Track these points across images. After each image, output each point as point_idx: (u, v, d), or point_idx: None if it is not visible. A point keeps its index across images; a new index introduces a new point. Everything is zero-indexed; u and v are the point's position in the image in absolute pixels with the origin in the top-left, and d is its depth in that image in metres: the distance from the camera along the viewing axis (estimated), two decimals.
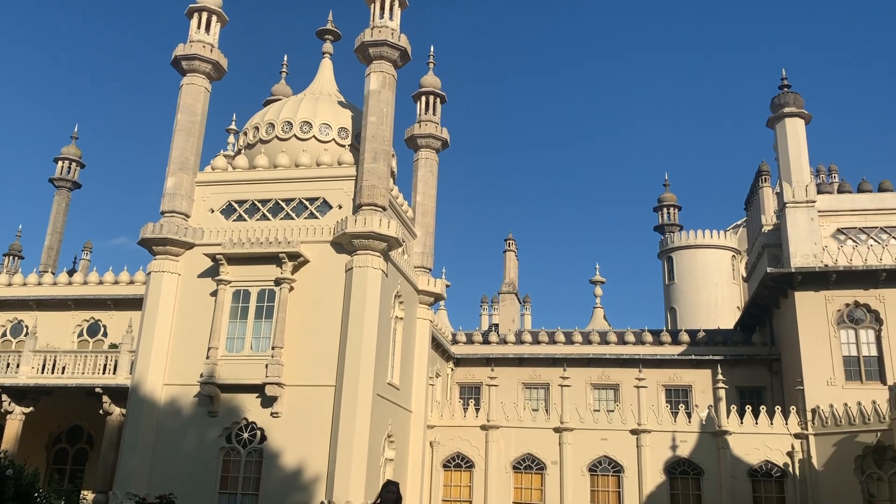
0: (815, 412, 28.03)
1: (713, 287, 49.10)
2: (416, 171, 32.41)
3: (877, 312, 30.67)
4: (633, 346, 37.99)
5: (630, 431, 29.22)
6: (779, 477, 27.85)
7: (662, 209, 57.27)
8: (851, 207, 32.93)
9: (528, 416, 30.44)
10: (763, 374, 35.60)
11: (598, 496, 28.99)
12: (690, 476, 28.54)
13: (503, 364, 38.56)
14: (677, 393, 36.61)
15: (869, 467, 26.14)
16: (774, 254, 33.62)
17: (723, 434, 28.36)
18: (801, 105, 33.56)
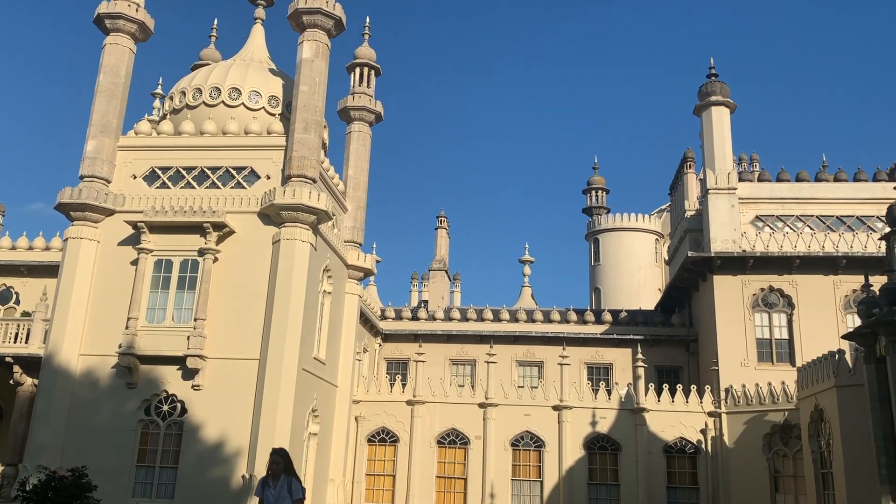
0: (729, 392, 29.18)
1: (637, 269, 50.47)
2: (349, 144, 32.02)
3: (790, 297, 32.02)
4: (558, 325, 38.74)
5: (552, 407, 29.86)
6: (692, 453, 28.96)
7: (591, 192, 58.34)
8: (770, 196, 34.18)
9: (454, 392, 30.74)
10: (681, 354, 36.85)
11: (519, 470, 29.58)
12: (608, 451, 29.40)
13: (431, 340, 38.77)
14: (599, 371, 37.57)
15: (776, 444, 27.41)
16: (696, 238, 34.70)
17: (640, 411, 29.27)
18: (727, 94, 34.53)
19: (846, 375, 22.20)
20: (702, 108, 34.68)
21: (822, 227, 33.43)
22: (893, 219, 20.09)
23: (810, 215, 33.73)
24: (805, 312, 31.56)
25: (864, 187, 33.79)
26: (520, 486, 29.47)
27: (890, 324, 18.30)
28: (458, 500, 29.50)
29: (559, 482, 28.95)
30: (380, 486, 30.07)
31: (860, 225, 33.23)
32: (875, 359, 19.55)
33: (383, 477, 30.13)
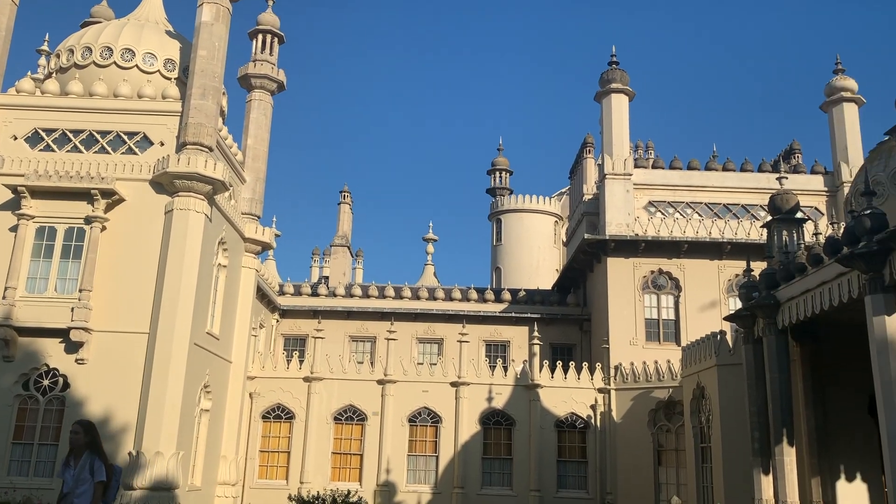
0: (618, 369, 30.32)
1: (536, 250, 51.51)
2: (249, 113, 31.07)
3: (677, 280, 33.46)
4: (458, 303, 39.12)
5: (450, 384, 30.22)
6: (582, 428, 30.00)
7: (495, 173, 58.99)
8: (663, 182, 35.49)
9: (353, 369, 30.61)
10: (574, 333, 37.96)
11: (416, 445, 29.85)
12: (503, 426, 30.06)
13: (331, 317, 38.38)
14: (497, 348, 38.25)
15: (660, 420, 28.72)
16: (592, 221, 35.70)
17: (535, 387, 30.05)
18: (627, 82, 35.50)
19: (726, 355, 23.43)
20: (602, 95, 35.55)
21: (710, 213, 35.04)
22: (775, 208, 21.22)
23: (699, 202, 35.25)
24: (691, 295, 33.07)
25: (750, 177, 35.58)
26: (416, 461, 29.76)
27: (767, 307, 19.37)
28: (353, 475, 29.51)
29: (454, 457, 29.41)
30: (274, 463, 29.70)
31: (745, 213, 35.02)
32: (753, 340, 20.67)
33: (278, 454, 29.76)
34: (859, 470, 19.53)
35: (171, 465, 22.19)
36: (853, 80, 35.95)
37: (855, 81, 35.96)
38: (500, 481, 29.52)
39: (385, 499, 28.91)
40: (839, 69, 36.26)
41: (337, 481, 29.09)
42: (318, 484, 28.52)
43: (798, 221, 21.05)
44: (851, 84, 35.91)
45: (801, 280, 18.06)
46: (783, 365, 19.30)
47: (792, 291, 18.48)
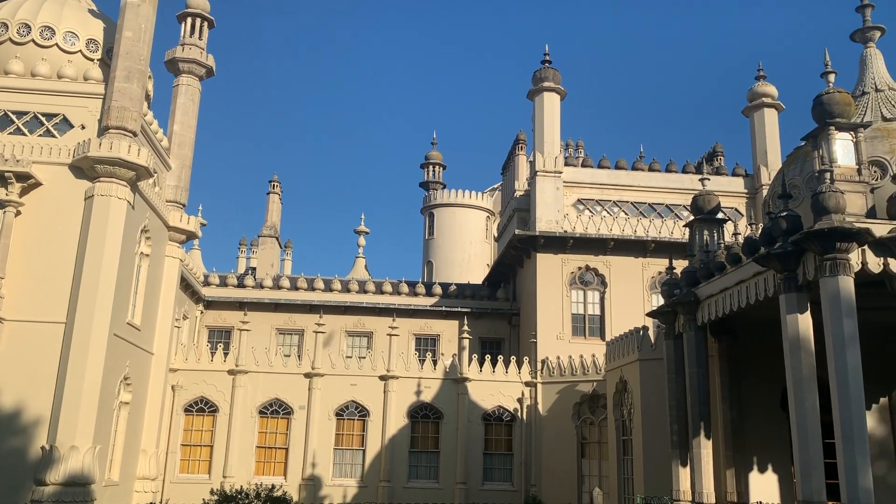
0: (545, 363, 30.80)
1: (468, 244, 51.85)
2: (176, 98, 30.16)
3: (603, 276, 34.20)
4: (389, 296, 39.03)
5: (379, 377, 30.12)
6: (508, 420, 30.36)
7: (428, 166, 59.06)
8: (592, 181, 36.17)
9: (280, 362, 30.17)
10: (504, 327, 38.38)
11: (342, 439, 29.67)
12: (431, 420, 30.15)
13: (258, 309, 37.76)
14: (427, 342, 38.33)
15: (584, 413, 29.31)
16: (523, 217, 36.14)
17: (463, 381, 30.24)
18: (559, 81, 36.00)
19: (648, 350, 24.08)
20: (534, 93, 35.96)
21: (636, 212, 35.92)
22: (697, 208, 21.88)
23: (626, 201, 36.09)
24: (616, 291, 33.85)
25: (674, 178, 36.61)
26: (342, 455, 29.58)
27: (687, 304, 20.00)
28: (278, 469, 29.12)
29: (382, 450, 29.35)
30: (196, 457, 29.05)
31: (669, 212, 36.03)
32: (674, 335, 21.30)
33: (200, 447, 29.12)
34: (771, 462, 20.37)
35: (86, 460, 21.42)
36: (773, 86, 37.40)
37: (775, 88, 37.41)
38: (426, 474, 29.62)
39: (310, 493, 28.64)
40: (761, 75, 37.64)
41: (261, 475, 28.65)
42: (242, 478, 28.04)
43: (719, 222, 21.77)
44: (772, 90, 37.33)
45: (720, 278, 18.70)
46: (702, 360, 19.95)
47: (711, 289, 19.12)
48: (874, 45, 20.21)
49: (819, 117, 16.39)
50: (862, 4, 19.93)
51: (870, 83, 19.79)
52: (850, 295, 14.61)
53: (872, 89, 19.60)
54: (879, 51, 20.23)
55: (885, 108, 18.85)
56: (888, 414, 20.92)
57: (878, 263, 14.85)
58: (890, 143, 17.55)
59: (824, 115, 16.29)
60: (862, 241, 14.77)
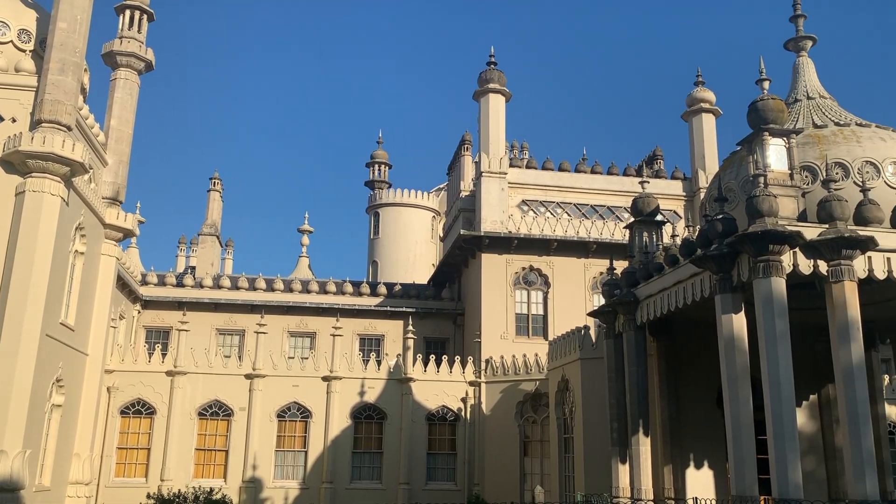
0: (489, 362, 30.99)
1: (413, 244, 51.77)
2: (113, 93, 29.32)
3: (546, 277, 34.59)
4: (333, 296, 38.71)
5: (322, 378, 29.86)
6: (452, 420, 30.45)
7: (374, 165, 58.74)
8: (535, 182, 36.55)
9: (220, 363, 29.64)
10: (448, 327, 38.48)
11: (284, 441, 29.33)
12: (375, 420, 30.03)
13: (197, 308, 37.01)
14: (371, 342, 38.16)
15: (527, 412, 29.59)
16: (468, 218, 36.30)
17: (408, 381, 30.20)
18: (504, 83, 36.26)
19: (589, 349, 24.45)
20: (480, 94, 36.14)
21: (578, 214, 36.43)
22: (637, 210, 22.31)
23: (569, 203, 36.58)
24: (559, 291, 34.27)
25: (616, 181, 37.24)
26: (284, 457, 29.23)
27: (627, 304, 20.38)
28: (217, 472, 28.60)
29: (324, 451, 29.11)
30: (133, 461, 28.32)
31: (610, 214, 36.65)
32: (614, 335, 21.67)
33: (137, 450, 28.40)
34: (707, 458, 20.90)
35: (16, 465, 20.66)
36: (712, 92, 38.40)
37: (713, 94, 38.41)
38: (369, 475, 29.50)
39: (251, 495, 28.21)
40: (700, 81, 38.60)
41: (200, 478, 28.10)
42: (180, 481, 27.46)
43: (658, 224, 22.24)
44: (710, 96, 38.31)
45: (659, 279, 19.11)
46: (641, 359, 20.34)
47: (650, 289, 19.52)
48: (806, 55, 20.93)
49: (754, 123, 16.89)
50: (795, 15, 20.61)
51: (802, 91, 20.48)
52: (781, 295, 15.09)
53: (804, 97, 20.29)
54: (811, 60, 20.95)
55: (816, 115, 19.53)
56: (817, 410, 21.69)
57: (808, 265, 15.38)
58: (820, 149, 18.18)
59: (759, 122, 16.78)
60: (793, 244, 15.27)
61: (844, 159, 17.87)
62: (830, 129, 18.81)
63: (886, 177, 17.62)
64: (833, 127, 18.86)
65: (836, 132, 18.66)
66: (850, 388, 14.74)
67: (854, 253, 15.18)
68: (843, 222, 15.47)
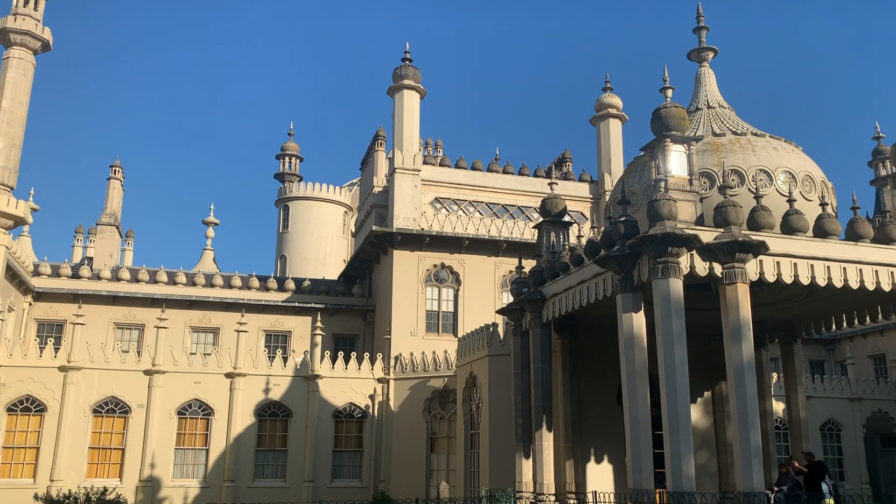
0: (398, 359, 30.95)
1: (324, 239, 51.18)
2: (5, 72, 27.67)
3: (458, 274, 34.83)
4: (238, 291, 37.80)
5: (225, 375, 29.11)
6: (360, 417, 30.26)
7: (284, 157, 57.69)
8: (449, 180, 36.74)
9: (117, 358, 28.45)
10: (358, 324, 38.22)
11: (184, 439, 28.45)
12: (280, 418, 29.51)
13: (94, 301, 35.44)
14: (277, 338, 37.48)
15: (435, 408, 29.73)
16: (381, 214, 36.16)
17: (315, 378, 29.82)
18: (419, 80, 36.28)
19: (497, 346, 24.77)
20: (394, 90, 36.04)
21: (490, 213, 36.86)
22: (545, 211, 22.76)
23: (481, 201, 36.95)
24: (469, 288, 34.58)
25: (526, 181, 37.85)
26: (184, 455, 28.35)
27: (534, 302, 20.76)
28: (113, 471, 27.46)
29: (227, 449, 28.40)
30: (20, 460, 26.84)
31: (520, 214, 37.23)
32: (521, 332, 22.06)
33: (25, 450, 26.93)
34: (606, 453, 21.55)
35: None
36: (619, 98, 39.54)
37: (620, 100, 39.56)
38: (273, 473, 28.98)
39: (148, 495, 27.22)
40: (608, 87, 39.71)
41: (94, 478, 26.92)
42: (72, 481, 26.23)
43: (565, 224, 22.77)
44: (617, 102, 39.46)
45: (565, 278, 19.56)
46: (546, 356, 20.77)
47: (556, 288, 19.95)
48: (707, 65, 21.83)
49: (657, 130, 17.48)
50: (698, 26, 21.46)
51: (703, 100, 21.35)
52: (679, 296, 15.69)
53: (705, 106, 21.16)
54: (712, 70, 21.87)
55: (715, 123, 20.40)
56: (711, 406, 22.71)
57: (704, 267, 16.04)
58: (718, 157, 19.00)
59: (661, 128, 17.38)
60: (691, 247, 15.90)
61: (740, 167, 18.74)
62: (728, 137, 19.68)
63: (778, 185, 18.58)
64: (730, 136, 19.74)
65: (733, 141, 19.54)
66: (740, 385, 15.45)
67: (747, 256, 15.92)
68: (738, 227, 16.21)
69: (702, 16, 21.29)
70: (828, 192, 19.25)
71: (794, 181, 18.72)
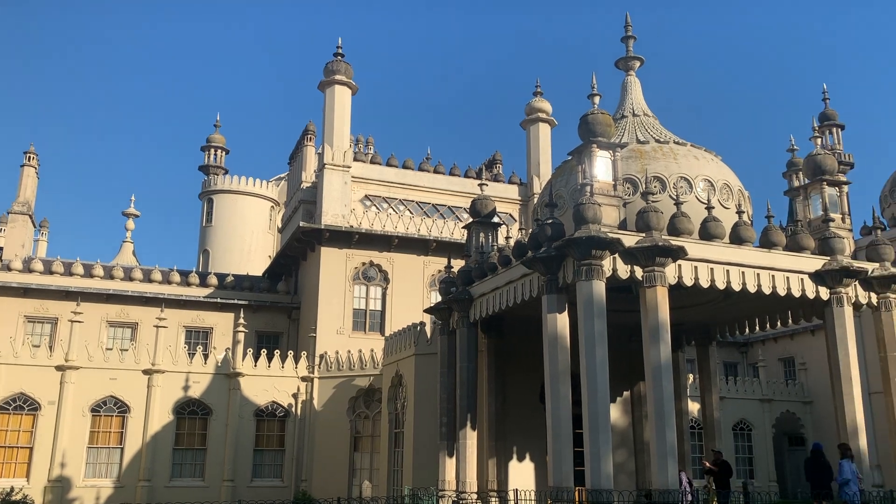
0: (323, 357, 30.64)
1: (249, 234, 50.23)
2: None
3: (386, 273, 34.70)
4: (158, 285, 36.69)
5: (143, 371, 28.27)
6: (282, 416, 29.83)
7: (210, 149, 56.36)
8: (379, 178, 36.59)
9: (27, 352, 27.25)
10: (283, 321, 37.63)
11: (98, 437, 27.50)
12: (199, 416, 28.82)
13: (3, 293, 33.89)
14: (199, 335, 36.55)
15: (360, 407, 29.55)
16: (309, 210, 35.72)
17: (236, 376, 29.24)
18: (351, 75, 36.00)
19: (424, 345, 24.82)
20: (326, 85, 35.67)
21: (420, 212, 36.89)
22: (475, 211, 22.94)
23: (411, 200, 36.94)
24: (398, 287, 34.51)
25: (457, 181, 38.05)
26: (97, 454, 27.41)
27: (462, 301, 20.90)
28: (20, 471, 26.31)
29: (143, 448, 27.59)
30: None
31: (450, 214, 37.40)
32: (448, 331, 22.17)
33: None
34: (529, 451, 21.86)
35: None
36: (548, 102, 40.17)
37: (549, 104, 40.20)
38: (191, 472, 28.29)
39: (57, 495, 26.16)
40: (538, 92, 40.29)
41: None
42: None
43: (494, 225, 22.99)
44: (547, 106, 40.07)
45: (493, 278, 19.76)
46: (472, 355, 20.94)
47: (484, 288, 20.13)
48: (634, 74, 22.40)
49: (584, 135, 17.84)
50: (626, 36, 21.99)
51: (629, 108, 21.90)
52: (601, 298, 16.06)
53: (630, 114, 21.71)
54: (638, 79, 22.45)
55: (639, 131, 20.95)
56: (630, 406, 23.31)
57: (626, 270, 16.46)
58: (642, 163, 19.53)
59: (588, 134, 17.75)
60: (614, 250, 16.29)
61: (662, 174, 19.30)
62: (651, 145, 20.25)
63: (697, 192, 19.22)
64: (654, 143, 20.31)
65: (656, 148, 20.12)
66: (657, 385, 15.91)
67: (666, 261, 16.41)
68: (659, 232, 16.70)
69: (630, 25, 21.84)
70: (744, 201, 20.02)
71: (713, 189, 19.40)
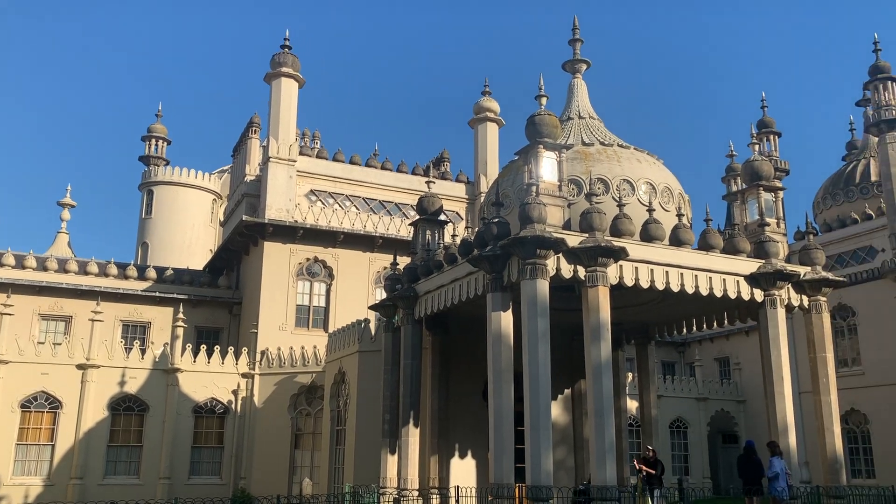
0: (265, 354, 30.23)
1: (190, 227, 49.20)
2: None
3: (331, 269, 34.40)
4: (94, 278, 35.62)
5: (77, 366, 27.45)
6: (221, 413, 29.33)
7: (151, 140, 54.97)
8: (326, 173, 36.25)
9: None
10: (223, 316, 36.95)
11: (28, 433, 26.61)
12: (135, 412, 28.14)
13: None
14: (136, 329, 35.64)
15: (301, 404, 29.28)
16: (253, 203, 35.14)
17: (174, 372, 28.63)
18: (298, 68, 35.57)
19: (368, 342, 24.71)
20: (272, 77, 35.18)
21: (367, 208, 36.69)
22: (422, 209, 22.95)
23: (358, 196, 36.72)
24: (343, 284, 34.25)
25: (404, 178, 37.97)
26: (27, 451, 26.56)
27: (407, 298, 20.89)
28: None
29: (75, 445, 26.80)
30: None
31: (397, 210, 37.29)
32: (393, 328, 22.14)
33: None
34: (471, 448, 22.00)
35: None
36: (496, 102, 40.43)
37: (497, 104, 40.45)
38: (126, 470, 27.62)
39: None
40: (486, 91, 40.51)
41: None
42: None
43: (441, 223, 23.04)
44: (495, 106, 40.32)
45: (438, 276, 19.80)
46: (416, 352, 20.96)
47: (429, 286, 20.15)
48: (581, 77, 22.72)
49: (531, 136, 18.02)
50: (573, 38, 22.29)
51: (575, 110, 22.20)
52: (545, 296, 16.25)
53: (576, 116, 22.01)
54: (584, 82, 22.78)
55: (585, 133, 21.26)
56: (571, 404, 23.67)
57: (569, 270, 16.69)
58: (586, 165, 19.83)
59: (535, 135, 17.94)
60: (558, 250, 16.51)
61: (606, 176, 19.64)
62: (596, 147, 20.58)
63: (640, 195, 19.61)
64: (598, 146, 20.64)
65: (600, 150, 20.45)
66: (597, 383, 16.19)
67: (608, 261, 16.70)
68: (601, 233, 16.98)
69: (577, 28, 22.14)
70: (684, 204, 20.51)
71: (655, 192, 19.82)
